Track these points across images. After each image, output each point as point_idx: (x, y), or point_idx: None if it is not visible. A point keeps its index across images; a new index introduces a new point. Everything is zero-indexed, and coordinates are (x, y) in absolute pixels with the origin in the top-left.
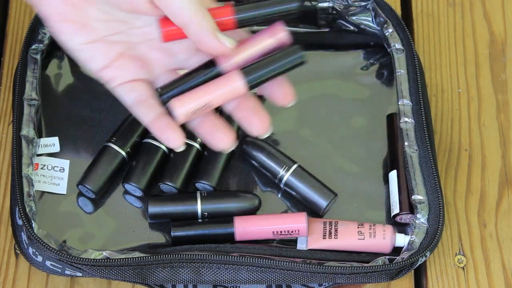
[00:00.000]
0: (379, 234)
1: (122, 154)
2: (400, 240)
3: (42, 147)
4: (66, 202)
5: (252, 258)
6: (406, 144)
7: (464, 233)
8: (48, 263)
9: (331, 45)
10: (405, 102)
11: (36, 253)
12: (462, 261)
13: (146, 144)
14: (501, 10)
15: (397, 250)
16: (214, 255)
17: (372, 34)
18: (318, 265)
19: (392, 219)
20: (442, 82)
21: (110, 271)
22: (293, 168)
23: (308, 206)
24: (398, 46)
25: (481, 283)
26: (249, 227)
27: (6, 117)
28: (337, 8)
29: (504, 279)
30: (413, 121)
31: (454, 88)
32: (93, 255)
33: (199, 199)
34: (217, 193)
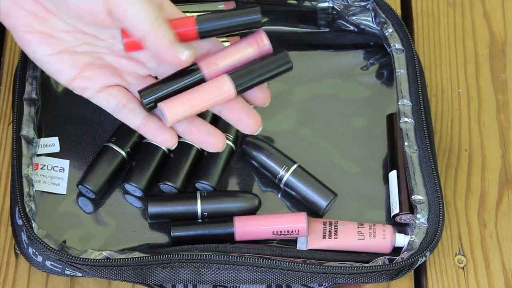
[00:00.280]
0: (379, 234)
1: (122, 154)
2: (400, 240)
3: (42, 147)
4: (66, 202)
5: (252, 258)
6: (406, 144)
7: (464, 233)
8: (48, 263)
9: (331, 45)
10: (405, 102)
11: (36, 253)
12: (462, 261)
13: (146, 144)
14: (501, 10)
15: (397, 250)
16: (214, 255)
17: (372, 34)
18: (318, 265)
19: (392, 219)
20: (442, 82)
21: (110, 271)
22: (293, 168)
23: (308, 206)
24: (398, 46)
25: (481, 283)
26: (249, 227)
27: (6, 117)
28: (337, 8)
29: (504, 279)
30: (413, 121)
31: (454, 88)
32: (93, 255)
33: (199, 199)
34: (217, 193)
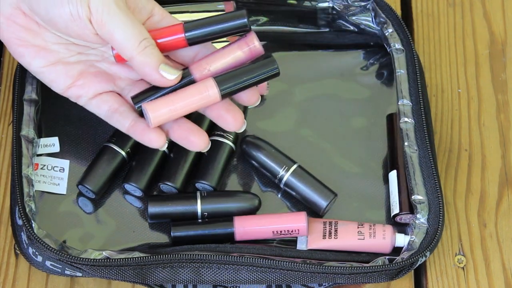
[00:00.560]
0: (379, 234)
1: (122, 154)
2: (400, 240)
3: (42, 147)
4: (66, 202)
5: (252, 258)
6: (406, 144)
7: (464, 233)
8: (48, 263)
9: (331, 45)
10: (405, 102)
11: (36, 253)
12: (462, 261)
13: None
14: (501, 10)
15: (397, 250)
16: (214, 255)
17: (372, 34)
18: (318, 265)
19: (392, 219)
20: (442, 82)
21: (110, 271)
22: (293, 168)
23: (308, 206)
24: (398, 46)
25: (481, 283)
26: (249, 227)
27: (6, 117)
28: (337, 8)
29: (504, 279)
30: (413, 121)
31: (454, 88)
32: (93, 255)
33: (199, 199)
34: (217, 193)
